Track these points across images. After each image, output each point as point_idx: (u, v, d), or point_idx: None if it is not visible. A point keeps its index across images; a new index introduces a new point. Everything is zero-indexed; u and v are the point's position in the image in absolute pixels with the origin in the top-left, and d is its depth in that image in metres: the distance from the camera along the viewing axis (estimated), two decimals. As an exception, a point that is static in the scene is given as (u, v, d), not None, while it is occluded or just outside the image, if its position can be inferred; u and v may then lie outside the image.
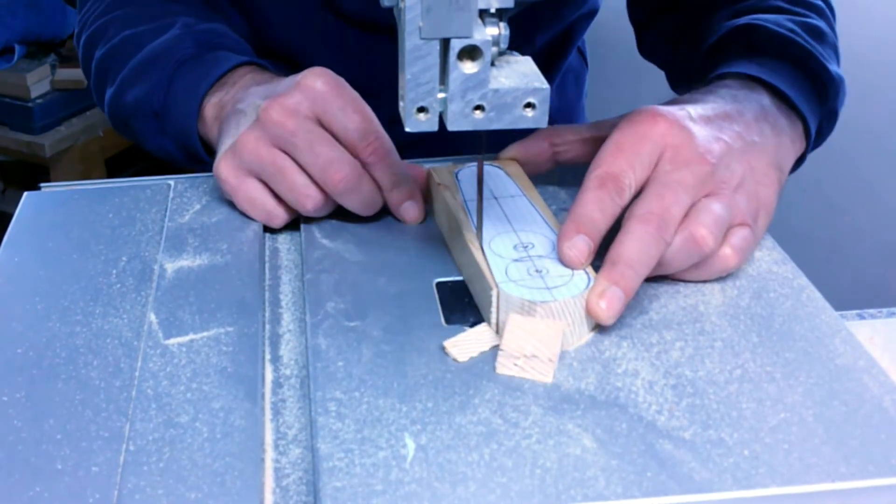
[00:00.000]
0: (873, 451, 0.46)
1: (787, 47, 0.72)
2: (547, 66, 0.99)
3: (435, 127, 0.51)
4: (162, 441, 0.48)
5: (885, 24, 1.52)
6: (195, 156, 0.75)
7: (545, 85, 0.50)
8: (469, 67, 0.49)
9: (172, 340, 0.55)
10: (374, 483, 0.45)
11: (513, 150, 0.69)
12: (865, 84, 1.52)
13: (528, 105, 0.50)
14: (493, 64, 0.51)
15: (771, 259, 0.62)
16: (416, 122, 0.50)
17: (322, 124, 0.63)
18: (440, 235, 0.65)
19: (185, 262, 0.62)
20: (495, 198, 0.64)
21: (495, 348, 0.53)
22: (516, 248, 0.58)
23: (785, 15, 0.77)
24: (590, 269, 0.55)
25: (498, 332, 0.54)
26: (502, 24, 0.50)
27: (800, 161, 0.72)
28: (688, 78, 0.83)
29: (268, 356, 0.56)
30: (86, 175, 2.05)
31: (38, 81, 2.00)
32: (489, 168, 0.67)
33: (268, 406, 0.52)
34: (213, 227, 0.66)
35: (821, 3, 0.81)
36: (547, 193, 0.69)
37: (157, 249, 0.64)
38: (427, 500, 0.44)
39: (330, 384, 0.51)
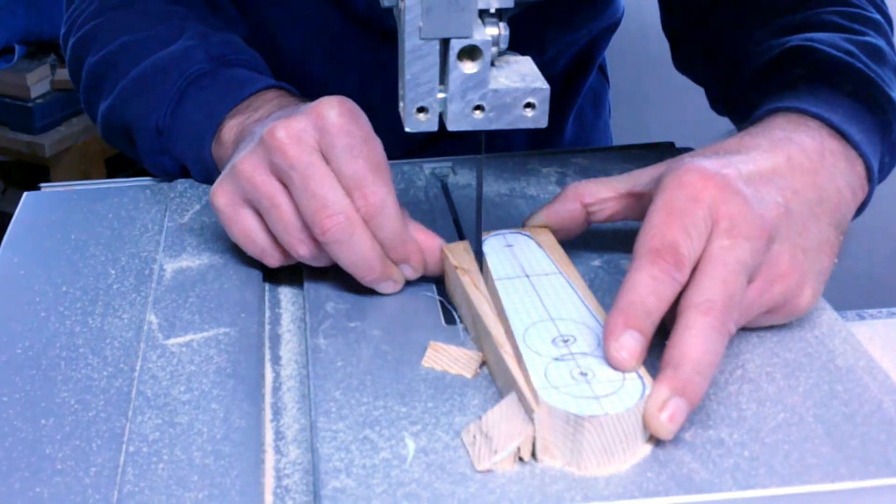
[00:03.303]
0: (873, 451, 0.46)
1: (847, 75, 0.64)
2: (568, 90, 0.94)
3: (435, 127, 0.51)
4: (161, 441, 0.48)
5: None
6: (205, 177, 0.71)
7: (545, 85, 0.50)
8: (469, 67, 0.49)
9: (172, 341, 0.55)
10: (373, 483, 0.44)
11: (542, 215, 0.60)
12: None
13: (528, 105, 0.50)
14: (492, 64, 0.51)
15: (771, 259, 0.62)
16: (416, 123, 0.50)
17: (325, 159, 0.56)
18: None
19: (185, 262, 0.62)
20: (527, 276, 0.55)
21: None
22: (555, 343, 0.49)
23: (841, 34, 0.68)
24: (643, 371, 0.47)
25: (534, 454, 0.46)
26: (502, 25, 0.50)
27: (862, 207, 0.63)
28: (730, 100, 0.76)
29: (267, 356, 0.56)
30: (86, 175, 2.05)
31: (38, 81, 2.00)
32: (519, 237, 0.59)
33: (267, 406, 0.52)
34: (212, 228, 0.66)
35: (878, 17, 0.72)
36: (579, 260, 0.61)
37: (156, 250, 0.64)
38: (427, 500, 0.44)
39: (329, 384, 0.51)
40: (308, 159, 0.55)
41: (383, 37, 0.86)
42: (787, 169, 0.55)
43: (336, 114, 0.56)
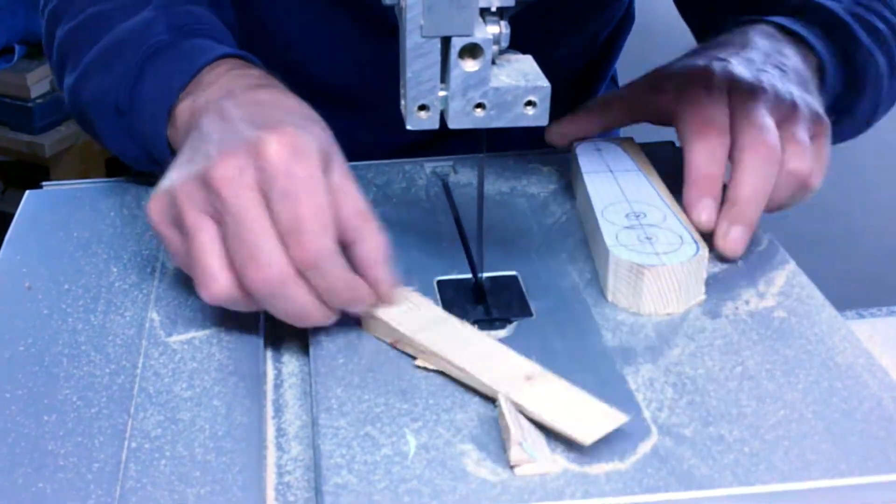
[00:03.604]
0: (872, 448, 0.47)
1: (822, 14, 0.73)
2: (580, 100, 0.91)
3: (436, 125, 0.51)
4: (163, 438, 0.48)
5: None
6: (161, 164, 0.61)
7: (546, 83, 0.50)
8: (470, 66, 0.49)
9: (174, 338, 0.55)
10: (375, 480, 0.45)
11: (564, 126, 0.71)
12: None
13: (529, 103, 0.50)
14: (493, 62, 0.51)
15: (771, 257, 0.62)
16: (418, 121, 0.51)
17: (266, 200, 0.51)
18: (442, 234, 0.65)
19: (187, 260, 0.62)
20: (611, 171, 0.66)
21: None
22: (628, 217, 0.60)
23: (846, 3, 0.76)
24: (697, 236, 0.58)
25: (610, 297, 0.58)
26: (503, 23, 0.50)
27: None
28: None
29: (269, 353, 0.56)
30: (86, 175, 2.04)
31: (38, 81, 2.00)
32: (608, 144, 0.70)
33: (269, 403, 0.52)
34: (214, 226, 0.66)
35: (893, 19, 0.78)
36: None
37: (158, 247, 0.64)
38: (428, 496, 0.44)
39: (331, 381, 0.51)
40: (243, 203, 0.50)
41: (382, 30, 0.86)
42: (764, 48, 0.69)
43: (275, 151, 0.50)
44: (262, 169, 0.50)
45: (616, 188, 0.64)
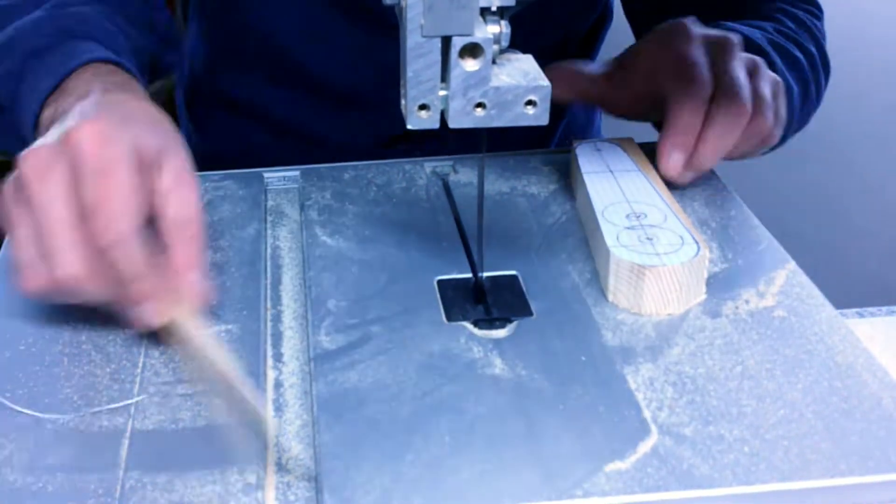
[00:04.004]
0: (872, 447, 0.47)
1: (745, 43, 0.75)
2: None
3: (436, 124, 0.51)
4: (164, 438, 0.48)
5: (883, 23, 1.52)
6: None
7: (546, 83, 0.50)
8: (470, 65, 0.49)
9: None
10: (375, 478, 0.45)
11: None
12: (865, 84, 1.52)
13: (530, 103, 0.50)
14: (494, 62, 0.51)
15: (771, 257, 0.62)
16: (418, 120, 0.51)
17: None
18: (442, 233, 0.65)
19: (187, 259, 0.62)
20: (611, 171, 0.67)
21: None
22: (629, 218, 0.61)
23: (768, 34, 0.81)
24: (698, 236, 0.59)
25: (611, 297, 0.58)
26: (503, 22, 0.50)
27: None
28: None
29: (269, 353, 0.56)
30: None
31: (39, 81, 1.99)
32: (607, 144, 0.71)
33: (269, 403, 0.52)
34: (214, 225, 0.66)
35: (814, 51, 0.82)
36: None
37: (158, 247, 0.64)
38: (429, 495, 0.44)
39: (331, 381, 0.51)
40: (45, 196, 0.50)
41: (378, 28, 0.86)
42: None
43: (85, 138, 0.51)
44: (70, 157, 0.50)
45: (616, 188, 0.65)
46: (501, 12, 0.50)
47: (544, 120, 0.51)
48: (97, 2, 0.74)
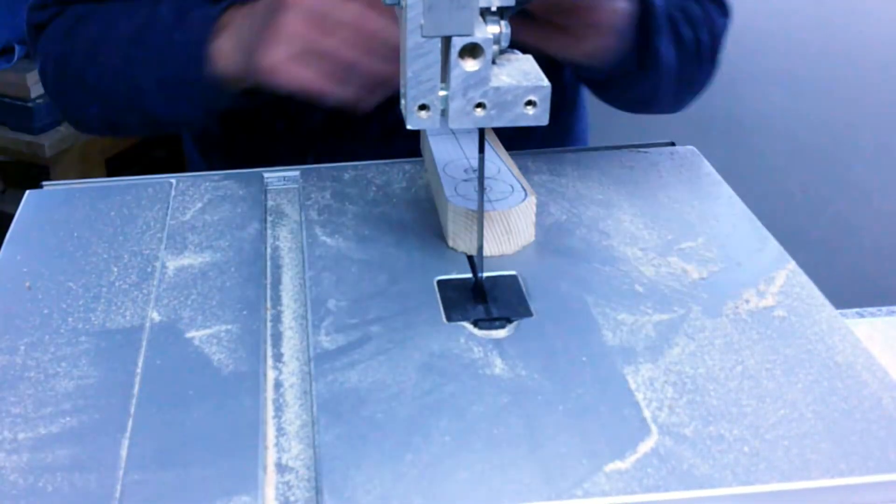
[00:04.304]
0: (872, 447, 0.47)
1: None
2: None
3: (436, 125, 0.51)
4: (164, 438, 0.48)
5: (881, 24, 1.52)
6: (204, 82, 0.71)
7: (546, 83, 0.50)
8: (470, 65, 0.49)
9: (174, 338, 0.55)
10: (375, 477, 0.45)
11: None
12: (864, 85, 1.52)
13: (529, 103, 0.50)
14: (494, 62, 0.51)
15: (771, 257, 0.62)
16: (418, 120, 0.51)
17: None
18: (442, 234, 0.65)
19: (187, 259, 0.62)
20: (453, 132, 0.73)
21: None
22: (466, 172, 0.66)
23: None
24: (526, 185, 0.65)
25: (451, 242, 0.63)
26: (503, 23, 0.50)
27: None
28: None
29: (269, 353, 0.56)
30: (85, 175, 2.04)
31: (39, 81, 1.99)
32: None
33: (269, 403, 0.52)
34: (214, 225, 0.66)
35: (705, 40, 0.80)
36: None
37: (158, 247, 0.64)
38: (429, 495, 0.44)
39: (331, 382, 0.51)
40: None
41: None
42: None
43: None
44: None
45: (458, 148, 0.70)
46: (501, 12, 0.50)
47: (544, 120, 0.51)
48: None
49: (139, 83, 0.75)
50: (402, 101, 0.51)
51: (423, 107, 0.50)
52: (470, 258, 0.62)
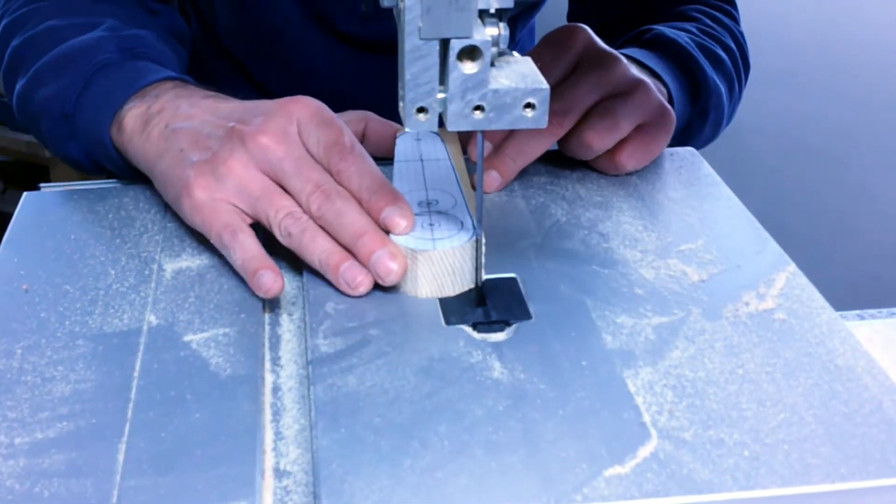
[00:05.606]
0: (873, 451, 0.46)
1: (673, 48, 0.79)
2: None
3: (435, 127, 0.51)
4: (161, 442, 0.48)
5: (880, 25, 1.52)
6: (103, 164, 0.73)
7: (545, 85, 0.50)
8: (469, 68, 0.49)
9: (171, 341, 0.55)
10: (374, 482, 0.44)
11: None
12: (863, 86, 1.52)
13: (528, 105, 0.50)
14: (492, 64, 0.51)
15: (771, 259, 0.62)
16: (416, 123, 0.50)
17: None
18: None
19: (185, 262, 0.62)
20: (421, 160, 0.70)
21: None
22: (420, 205, 0.63)
23: (692, 35, 0.83)
24: (477, 223, 0.60)
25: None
26: (502, 25, 0.50)
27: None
28: None
29: (267, 357, 0.56)
30: (85, 176, 2.05)
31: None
32: (429, 135, 0.74)
33: (267, 407, 0.52)
34: (212, 228, 0.66)
35: (734, 49, 0.86)
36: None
37: (156, 250, 0.64)
38: (427, 500, 0.44)
39: (329, 385, 0.51)
40: (298, 152, 0.60)
41: (360, 48, 0.88)
42: None
43: (308, 107, 0.62)
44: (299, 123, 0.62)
45: (420, 176, 0.68)
46: (500, 14, 0.50)
47: (543, 123, 0.51)
48: (147, 25, 0.80)
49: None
50: (401, 104, 0.51)
51: (421, 109, 0.50)
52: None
